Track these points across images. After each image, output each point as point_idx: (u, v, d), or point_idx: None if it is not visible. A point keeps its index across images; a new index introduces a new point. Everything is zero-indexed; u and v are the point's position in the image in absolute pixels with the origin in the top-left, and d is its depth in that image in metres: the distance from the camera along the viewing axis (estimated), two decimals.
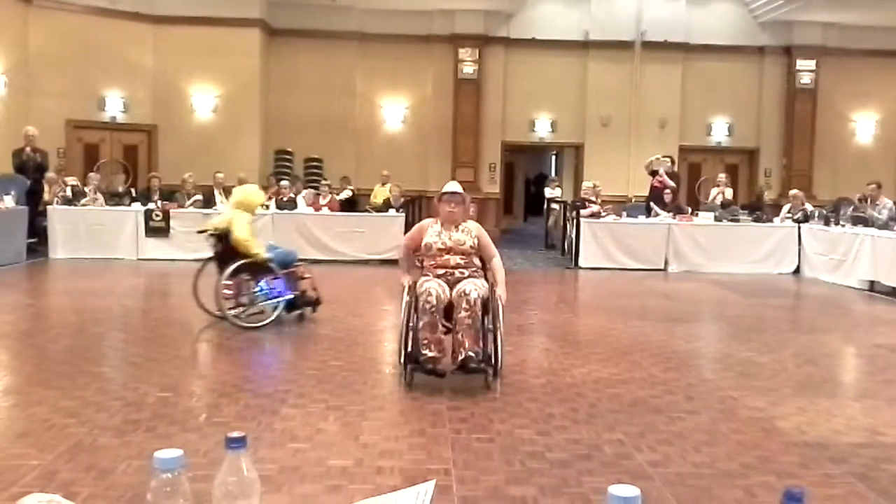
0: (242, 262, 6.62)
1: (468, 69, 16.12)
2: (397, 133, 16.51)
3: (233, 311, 6.69)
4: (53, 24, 13.95)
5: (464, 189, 5.23)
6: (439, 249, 4.97)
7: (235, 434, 1.21)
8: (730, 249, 11.67)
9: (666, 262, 11.66)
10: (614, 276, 11.05)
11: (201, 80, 15.27)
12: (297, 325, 6.87)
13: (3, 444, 3.80)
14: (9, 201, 10.74)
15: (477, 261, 5.05)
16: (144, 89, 15.13)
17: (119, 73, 14.80)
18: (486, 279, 5.03)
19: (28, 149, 11.93)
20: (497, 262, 5.07)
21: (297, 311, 7.06)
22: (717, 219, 12.13)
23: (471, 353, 4.68)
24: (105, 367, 5.39)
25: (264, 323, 6.64)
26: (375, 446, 3.80)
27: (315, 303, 7.15)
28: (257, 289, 6.77)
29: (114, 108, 14.93)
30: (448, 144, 16.29)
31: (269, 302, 6.75)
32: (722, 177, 13.88)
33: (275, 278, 6.76)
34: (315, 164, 15.74)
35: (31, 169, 11.89)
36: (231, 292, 6.83)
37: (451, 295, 4.78)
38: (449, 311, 4.81)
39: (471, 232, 5.07)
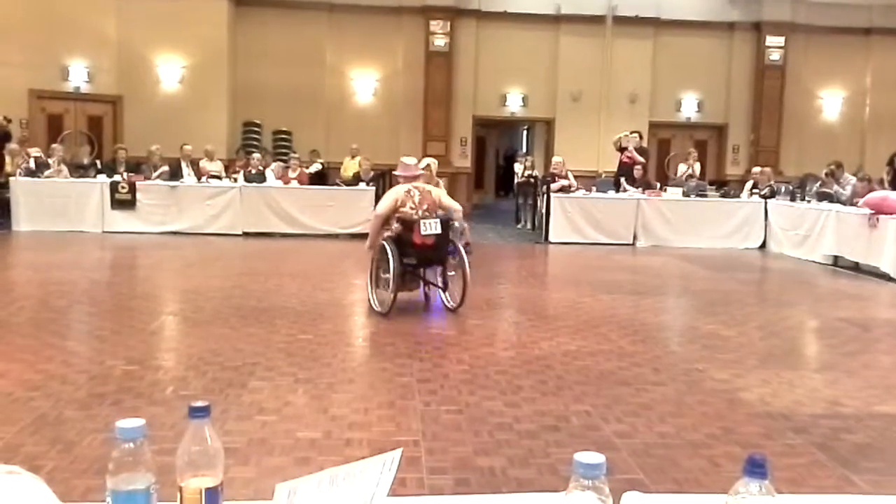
0: None
1: (439, 42, 15.98)
2: (367, 106, 16.36)
3: None
4: None
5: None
6: None
7: (199, 403, 1.18)
8: (697, 224, 11.79)
9: (634, 237, 11.75)
10: (583, 250, 11.11)
11: (167, 51, 14.98)
12: (261, 300, 6.83)
13: None
14: None
15: None
16: (109, 59, 14.80)
17: (83, 43, 14.46)
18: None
19: (2, 118, 11.63)
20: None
21: None
22: (685, 194, 12.23)
23: None
24: (70, 341, 5.31)
25: None
26: (344, 418, 3.80)
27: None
28: None
29: (78, 77, 14.60)
30: (419, 118, 16.19)
31: None
32: (692, 152, 13.95)
33: None
34: (284, 136, 15.57)
35: None
36: None
37: None
38: None
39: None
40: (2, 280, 7.96)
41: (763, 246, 11.79)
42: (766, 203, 11.94)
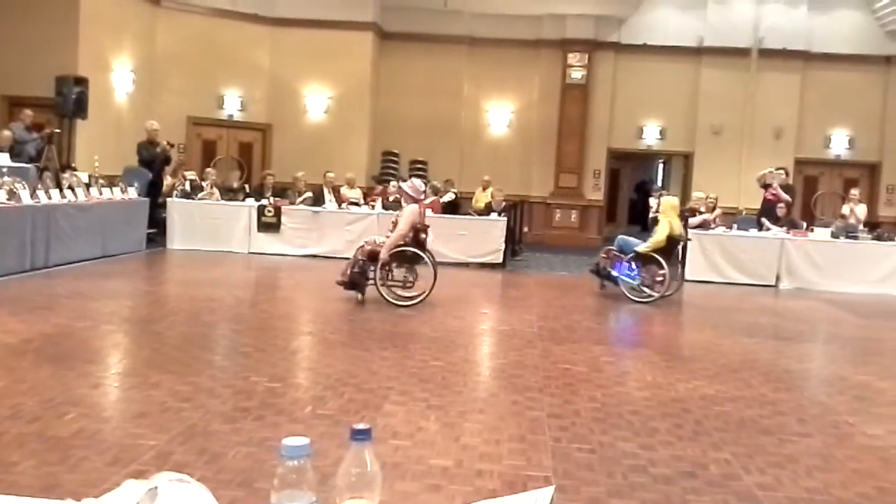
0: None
1: (576, 74, 15.98)
2: (502, 137, 16.52)
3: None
4: (178, 25, 14.59)
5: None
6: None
7: (361, 426, 1.20)
8: (847, 268, 11.11)
9: (777, 279, 11.22)
10: (722, 290, 10.70)
11: (315, 81, 15.68)
12: (395, 324, 6.96)
13: (123, 423, 4.01)
14: (132, 192, 11.32)
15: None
16: (261, 89, 15.66)
17: (238, 73, 15.37)
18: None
19: (164, 142, 12.48)
20: (393, 234, 7.81)
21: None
22: (833, 235, 11.59)
23: (342, 278, 7.81)
24: (217, 356, 5.60)
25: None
26: (475, 448, 3.81)
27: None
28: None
29: (232, 106, 15.52)
30: (552, 150, 16.20)
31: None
32: (855, 192, 13.07)
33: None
34: (420, 165, 15.90)
35: (160, 161, 12.44)
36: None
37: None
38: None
39: (401, 214, 8.00)
40: (157, 295, 8.51)
41: None
42: None
